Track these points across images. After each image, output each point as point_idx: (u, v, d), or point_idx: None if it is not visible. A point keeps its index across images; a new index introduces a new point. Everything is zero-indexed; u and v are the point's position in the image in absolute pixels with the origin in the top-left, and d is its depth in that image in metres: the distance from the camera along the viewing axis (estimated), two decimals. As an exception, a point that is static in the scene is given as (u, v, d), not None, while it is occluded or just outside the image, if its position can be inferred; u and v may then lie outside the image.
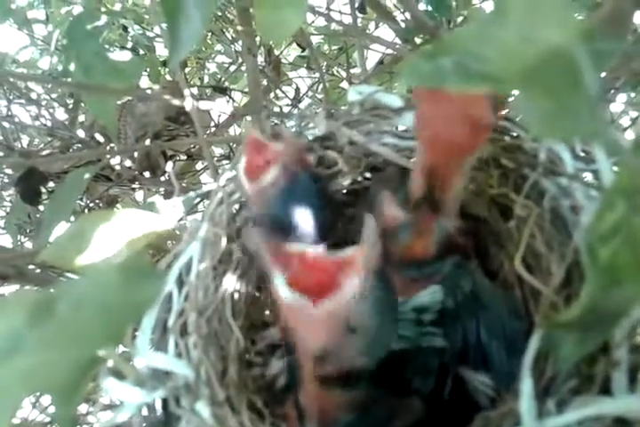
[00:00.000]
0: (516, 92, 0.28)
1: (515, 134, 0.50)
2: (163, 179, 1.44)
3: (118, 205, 1.72)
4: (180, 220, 0.56)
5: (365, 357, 0.36)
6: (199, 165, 1.74)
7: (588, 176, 0.47)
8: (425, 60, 0.30)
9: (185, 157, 1.58)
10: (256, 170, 0.46)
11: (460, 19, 1.07)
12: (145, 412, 0.42)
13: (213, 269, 0.48)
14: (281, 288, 0.33)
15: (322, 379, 0.38)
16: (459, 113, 0.39)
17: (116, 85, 0.69)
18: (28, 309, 0.29)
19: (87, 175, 0.66)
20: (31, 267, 1.10)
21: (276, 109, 1.62)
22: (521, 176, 0.47)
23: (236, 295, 0.50)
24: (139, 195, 1.66)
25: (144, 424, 0.42)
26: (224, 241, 0.50)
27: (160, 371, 0.42)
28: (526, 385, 0.35)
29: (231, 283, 0.49)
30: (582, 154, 0.48)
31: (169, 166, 0.96)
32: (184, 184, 1.58)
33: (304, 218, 0.46)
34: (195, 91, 1.53)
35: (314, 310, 0.32)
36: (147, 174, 1.35)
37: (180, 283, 0.47)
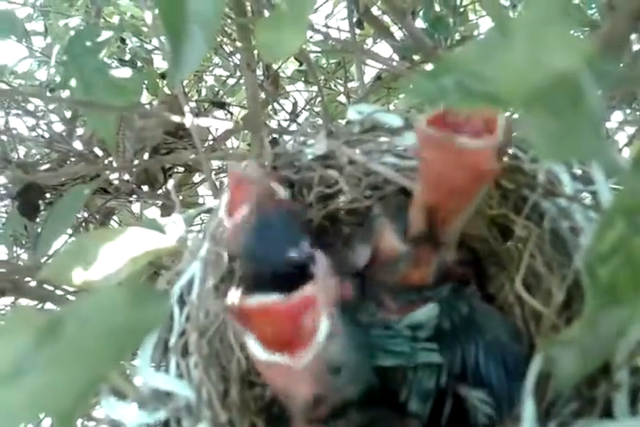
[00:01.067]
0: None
1: (514, 155, 0.51)
2: (160, 192, 1.44)
3: (115, 217, 1.72)
4: (181, 237, 0.57)
5: (352, 388, 0.36)
6: (196, 178, 1.74)
7: (587, 197, 0.47)
8: (427, 78, 0.30)
9: (182, 170, 1.58)
10: (236, 206, 0.47)
11: (457, 36, 1.09)
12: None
13: (215, 289, 0.48)
14: (255, 350, 0.33)
15: (314, 420, 0.38)
16: (461, 159, 0.39)
17: (117, 102, 0.69)
18: (34, 330, 0.29)
19: (87, 191, 0.66)
20: (27, 279, 1.10)
21: (274, 123, 1.63)
22: (521, 197, 0.47)
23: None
24: (135, 207, 1.66)
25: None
26: (225, 260, 0.50)
27: (161, 391, 0.42)
28: (528, 408, 0.35)
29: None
30: (581, 174, 0.48)
31: (170, 183, 0.96)
32: (181, 197, 1.58)
33: (275, 253, 0.46)
34: (193, 104, 1.53)
35: (294, 364, 0.32)
36: (145, 188, 1.35)
37: (182, 303, 0.47)
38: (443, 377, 0.43)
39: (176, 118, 0.67)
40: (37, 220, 1.25)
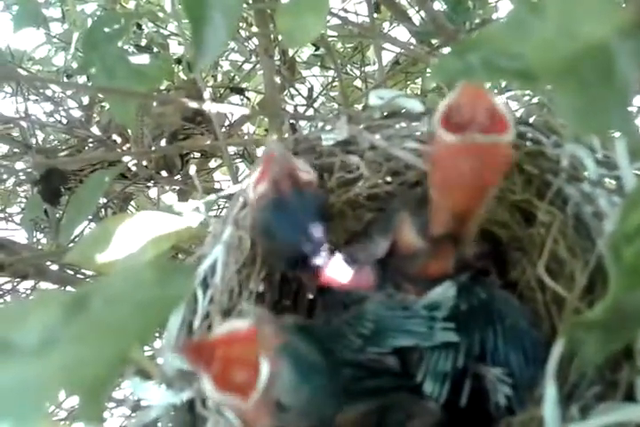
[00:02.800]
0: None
1: (537, 140, 0.50)
2: (177, 177, 1.45)
3: (132, 203, 1.73)
4: (202, 222, 0.57)
5: (308, 420, 0.37)
6: (212, 164, 1.75)
7: (611, 182, 0.47)
8: (453, 56, 0.30)
9: (199, 156, 1.59)
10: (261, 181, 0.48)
11: (477, 20, 1.07)
12: (171, 413, 0.43)
13: (237, 273, 0.49)
14: (210, 392, 0.34)
15: None
16: (481, 158, 0.39)
17: (139, 88, 0.70)
18: (62, 305, 0.30)
19: (108, 177, 0.67)
20: (48, 264, 1.12)
21: (290, 108, 1.63)
22: (544, 182, 0.47)
23: (261, 299, 0.50)
24: (152, 192, 1.67)
25: (170, 425, 0.43)
26: (248, 245, 0.50)
27: (186, 372, 0.43)
28: (550, 391, 0.35)
29: (255, 287, 0.50)
30: (604, 159, 0.48)
31: (191, 169, 0.96)
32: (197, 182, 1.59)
33: (287, 228, 0.47)
34: (209, 90, 1.53)
35: (245, 405, 0.33)
36: (163, 173, 1.35)
37: (205, 285, 0.48)
38: (460, 358, 0.43)
39: (195, 104, 0.67)
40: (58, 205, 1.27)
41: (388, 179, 0.56)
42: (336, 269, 0.49)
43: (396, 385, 0.42)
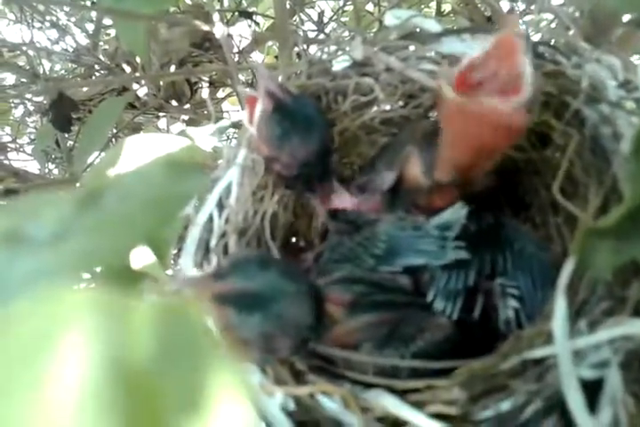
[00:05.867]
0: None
1: (556, 61, 0.49)
2: (187, 106, 1.43)
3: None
4: (215, 146, 0.57)
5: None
6: (220, 94, 1.72)
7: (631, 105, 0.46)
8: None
9: (207, 85, 1.56)
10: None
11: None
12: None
13: (252, 195, 0.49)
14: None
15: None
16: (491, 121, 0.38)
17: (146, 10, 0.68)
18: (75, 200, 0.30)
19: (121, 104, 0.66)
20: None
21: (300, 34, 1.58)
22: (562, 103, 0.46)
23: (275, 220, 0.51)
24: (161, 123, 1.66)
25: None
26: (262, 168, 0.50)
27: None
28: (560, 305, 0.36)
29: (270, 208, 0.50)
30: (625, 82, 0.47)
31: (204, 93, 0.95)
32: (206, 112, 1.57)
33: (299, 132, 0.47)
34: (220, 17, 1.48)
35: None
36: (172, 102, 1.34)
37: (221, 206, 0.48)
38: (471, 277, 0.44)
39: (205, 27, 0.65)
40: (68, 134, 1.26)
41: (404, 102, 0.55)
42: (345, 195, 0.50)
43: (407, 301, 0.43)
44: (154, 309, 0.18)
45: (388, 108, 0.55)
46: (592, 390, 0.34)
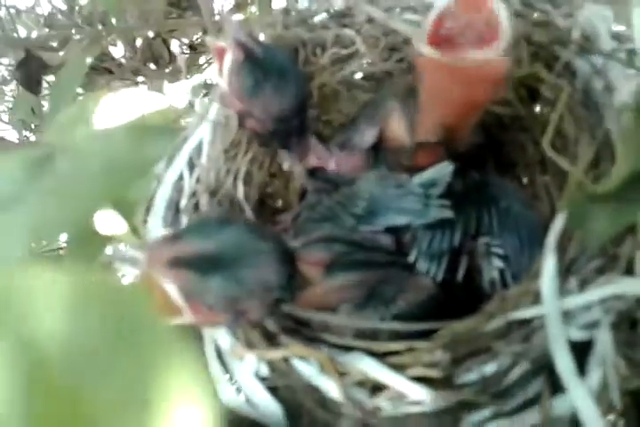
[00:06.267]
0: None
1: (544, 10, 0.47)
2: (167, 71, 1.38)
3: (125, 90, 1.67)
4: (189, 102, 0.54)
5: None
6: (203, 61, 1.67)
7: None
8: None
9: (188, 51, 1.51)
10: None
11: None
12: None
13: (225, 152, 0.46)
14: None
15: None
16: (470, 74, 0.36)
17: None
18: (27, 161, 0.28)
19: (88, 57, 0.63)
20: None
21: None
22: (552, 55, 0.44)
23: (249, 179, 0.48)
24: (142, 89, 1.61)
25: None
26: (235, 124, 0.48)
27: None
28: (548, 263, 0.34)
29: (243, 166, 0.47)
30: (617, 32, 0.45)
31: (176, 50, 0.91)
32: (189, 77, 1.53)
33: (272, 83, 0.44)
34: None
35: None
36: (150, 66, 1.29)
37: (191, 165, 0.45)
38: (456, 237, 0.42)
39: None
40: (44, 103, 1.22)
41: (386, 55, 0.53)
42: (324, 152, 0.47)
43: (388, 261, 0.41)
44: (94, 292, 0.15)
45: (369, 61, 0.52)
46: (581, 352, 0.32)
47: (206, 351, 0.36)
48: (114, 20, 1.26)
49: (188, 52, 1.53)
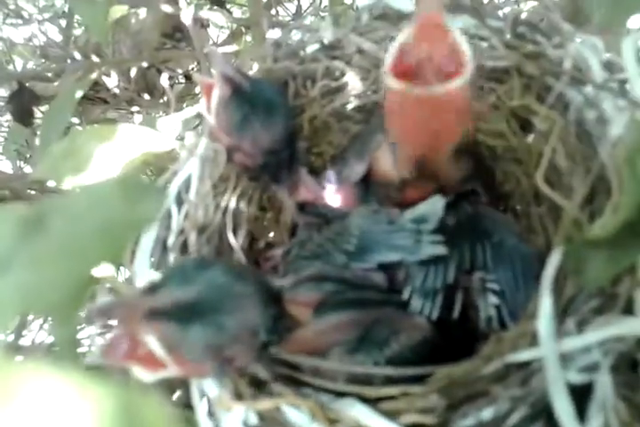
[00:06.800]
0: None
1: (535, 41, 0.46)
2: (161, 101, 1.39)
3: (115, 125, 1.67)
4: (179, 137, 0.53)
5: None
6: (198, 90, 1.68)
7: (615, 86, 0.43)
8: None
9: (183, 81, 1.52)
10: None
11: None
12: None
13: (214, 188, 0.46)
14: None
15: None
16: (436, 104, 0.37)
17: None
18: (18, 223, 0.27)
19: (79, 89, 0.62)
20: (29, 189, 1.08)
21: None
22: (544, 86, 0.43)
23: (238, 215, 0.47)
24: (137, 119, 1.62)
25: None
26: (224, 158, 0.47)
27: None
28: (545, 303, 0.33)
29: (232, 202, 0.47)
30: (609, 61, 0.44)
31: (164, 80, 0.91)
32: (184, 107, 1.53)
33: (260, 117, 0.44)
34: (192, 5, 1.44)
35: None
36: (145, 96, 1.30)
37: (180, 201, 0.45)
38: (450, 274, 0.41)
39: (169, 9, 0.62)
40: (38, 132, 1.22)
41: (376, 87, 0.52)
42: (314, 185, 0.47)
43: (381, 299, 0.40)
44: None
45: (360, 93, 0.52)
46: (581, 396, 0.31)
47: (193, 400, 0.35)
48: (108, 51, 1.27)
49: (183, 81, 1.54)
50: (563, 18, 0.49)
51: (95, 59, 1.38)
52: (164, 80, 0.84)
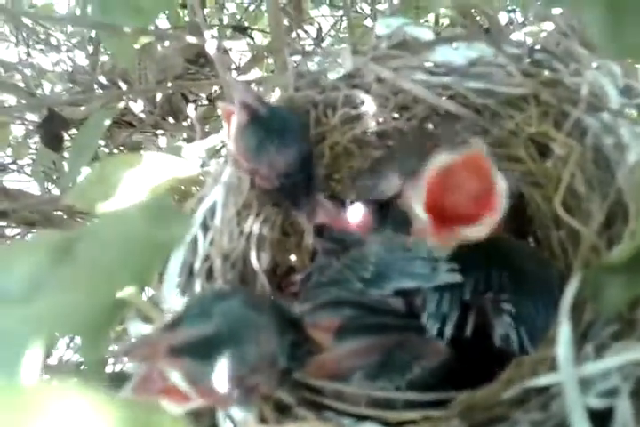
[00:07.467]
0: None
1: (553, 68, 0.47)
2: (185, 124, 1.42)
3: (142, 152, 1.70)
4: (204, 164, 0.55)
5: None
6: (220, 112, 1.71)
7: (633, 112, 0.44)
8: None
9: (207, 103, 1.55)
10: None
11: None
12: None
13: (237, 214, 0.47)
14: None
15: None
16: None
17: (134, 23, 0.66)
18: (47, 250, 0.28)
19: (107, 117, 0.64)
20: (58, 213, 1.11)
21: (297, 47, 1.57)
22: (562, 113, 0.44)
23: (261, 240, 0.49)
24: (162, 141, 1.65)
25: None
26: (247, 185, 0.48)
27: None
28: (564, 329, 0.33)
29: (256, 227, 0.48)
30: (626, 87, 0.45)
31: (190, 109, 0.94)
32: (207, 129, 1.56)
33: (275, 141, 0.46)
34: (215, 33, 1.48)
35: None
36: (169, 120, 1.32)
37: (205, 227, 0.46)
38: (465, 296, 0.41)
39: (194, 40, 0.64)
40: (65, 155, 1.25)
41: (396, 114, 0.53)
42: (333, 209, 0.48)
43: (401, 324, 0.41)
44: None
45: (380, 120, 0.53)
46: (601, 421, 0.31)
47: (218, 424, 0.36)
48: (134, 76, 1.30)
49: (207, 103, 1.57)
50: (580, 42, 0.50)
51: (122, 84, 1.41)
52: (189, 108, 0.86)
